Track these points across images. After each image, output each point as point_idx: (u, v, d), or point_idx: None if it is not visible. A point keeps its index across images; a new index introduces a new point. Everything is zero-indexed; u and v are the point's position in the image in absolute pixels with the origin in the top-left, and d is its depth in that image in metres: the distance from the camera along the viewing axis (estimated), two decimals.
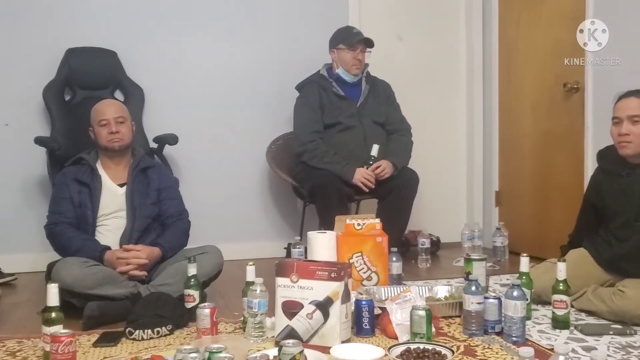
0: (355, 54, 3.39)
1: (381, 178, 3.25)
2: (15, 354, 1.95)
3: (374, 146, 3.29)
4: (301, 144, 3.35)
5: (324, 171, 3.22)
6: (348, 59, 3.40)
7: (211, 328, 1.99)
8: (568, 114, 3.42)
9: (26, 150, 3.27)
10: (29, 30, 3.45)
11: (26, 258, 3.30)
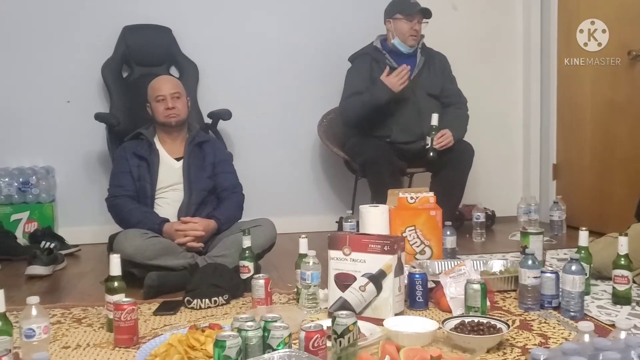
0: (412, 25, 3.32)
1: (446, 147, 3.19)
2: (80, 321, 2.04)
3: (433, 115, 3.21)
4: (340, 112, 3.37)
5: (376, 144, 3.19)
6: (405, 29, 3.33)
7: (266, 298, 2.04)
8: (631, 83, 3.27)
9: (87, 126, 3.38)
10: (87, 8, 3.53)
11: (89, 230, 3.43)
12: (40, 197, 3.42)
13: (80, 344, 1.81)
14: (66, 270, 2.91)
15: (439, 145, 3.17)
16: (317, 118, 3.61)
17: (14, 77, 3.45)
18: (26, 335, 1.55)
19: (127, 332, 1.76)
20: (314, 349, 1.47)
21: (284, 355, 1.38)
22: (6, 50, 3.44)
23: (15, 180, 3.39)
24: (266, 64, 3.75)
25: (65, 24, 3.50)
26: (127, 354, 1.71)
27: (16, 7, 3.45)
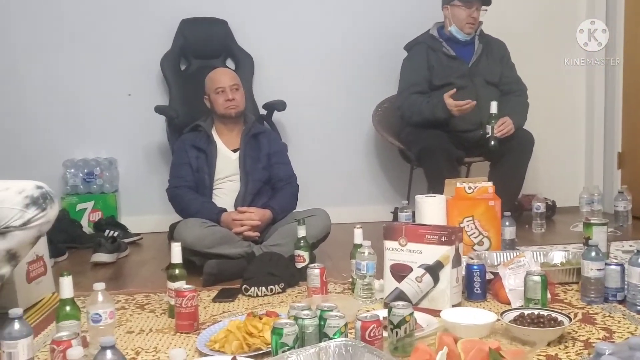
0: (470, 12, 3.25)
1: (506, 135, 3.12)
2: (143, 307, 2.11)
3: (492, 103, 3.13)
4: (398, 107, 3.31)
5: (432, 133, 3.15)
6: (462, 16, 3.27)
7: (321, 287, 2.05)
8: None
9: (147, 118, 3.47)
10: (146, 3, 3.62)
11: (150, 219, 3.53)
12: (104, 188, 3.55)
13: (143, 329, 1.87)
14: (129, 258, 3.01)
15: (499, 133, 3.09)
16: (372, 107, 3.60)
17: (78, 72, 3.58)
18: (93, 319, 1.61)
19: (187, 318, 1.80)
20: (370, 338, 1.47)
21: (341, 344, 1.39)
22: (70, 46, 3.57)
23: (80, 172, 3.53)
24: (320, 54, 3.75)
25: (125, 18, 3.60)
26: (188, 340, 1.76)
27: (79, 4, 3.57)
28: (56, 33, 3.55)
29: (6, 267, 1.75)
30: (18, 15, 3.51)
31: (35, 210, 1.74)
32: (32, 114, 3.55)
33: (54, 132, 3.57)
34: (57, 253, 2.83)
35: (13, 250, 1.74)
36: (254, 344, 1.60)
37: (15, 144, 3.50)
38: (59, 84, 3.57)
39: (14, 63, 3.53)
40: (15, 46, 3.52)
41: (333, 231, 2.67)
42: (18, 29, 3.52)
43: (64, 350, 1.34)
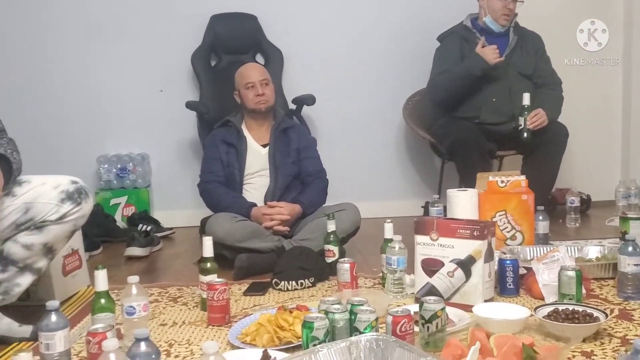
0: (506, 3, 3.20)
1: (539, 127, 3.06)
2: (176, 300, 2.14)
3: (524, 95, 3.08)
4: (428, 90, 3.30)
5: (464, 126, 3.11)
6: (498, 7, 3.21)
7: (351, 282, 2.04)
8: None
9: (179, 114, 3.50)
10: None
11: (182, 214, 3.57)
12: (136, 183, 3.61)
13: (176, 322, 1.89)
14: (162, 251, 3.06)
15: (532, 125, 3.04)
16: (402, 101, 3.57)
17: (111, 69, 3.63)
18: (127, 312, 1.64)
19: (219, 311, 1.82)
20: (401, 333, 1.46)
21: (371, 338, 1.39)
22: (103, 44, 3.62)
23: (114, 167, 3.58)
24: (350, 47, 3.74)
25: (156, 15, 3.64)
26: (220, 332, 1.77)
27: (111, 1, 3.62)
28: (89, 31, 3.61)
29: (43, 261, 1.80)
30: (51, 13, 3.58)
31: (71, 204, 1.78)
32: (66, 111, 3.62)
33: (88, 129, 3.63)
34: (91, 247, 2.89)
35: (49, 244, 1.78)
36: (284, 337, 1.61)
37: (51, 140, 3.57)
38: (91, 81, 3.63)
39: (49, 61, 3.59)
40: (50, 45, 3.59)
41: (363, 226, 2.66)
42: (52, 27, 3.58)
43: (99, 342, 1.37)
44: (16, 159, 1.77)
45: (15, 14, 3.55)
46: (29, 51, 3.57)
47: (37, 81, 3.59)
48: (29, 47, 3.57)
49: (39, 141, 3.44)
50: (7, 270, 1.74)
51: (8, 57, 3.52)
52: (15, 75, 3.49)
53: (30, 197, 1.75)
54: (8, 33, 3.54)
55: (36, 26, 3.58)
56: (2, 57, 3.47)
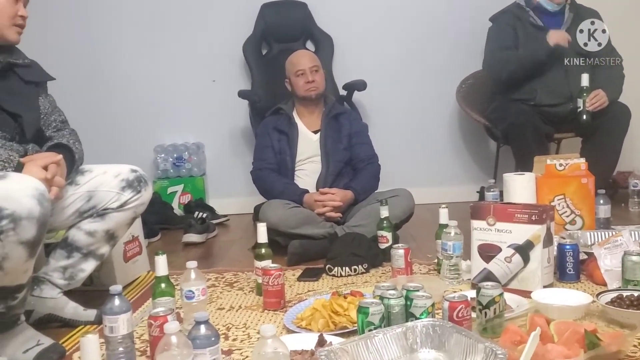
0: None
1: (599, 109, 2.95)
2: (232, 285, 2.18)
3: (583, 75, 2.98)
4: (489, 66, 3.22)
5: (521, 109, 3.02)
6: None
7: (406, 268, 2.03)
8: None
9: (231, 103, 3.55)
10: None
11: (235, 201, 3.63)
12: (192, 171, 3.68)
13: (233, 306, 1.93)
14: (217, 238, 3.12)
15: (592, 106, 2.93)
16: (455, 84, 3.50)
17: (165, 60, 3.71)
18: (186, 296, 1.68)
19: (274, 295, 1.84)
20: (458, 319, 1.44)
21: (428, 324, 1.38)
22: (158, 36, 3.70)
23: (170, 156, 3.67)
24: (400, 31, 3.69)
25: (207, 5, 3.68)
26: (275, 317, 1.80)
27: None
28: (145, 24, 3.69)
29: (105, 247, 1.86)
30: (108, 8, 3.68)
31: (131, 192, 1.83)
32: (125, 103, 3.72)
33: (145, 119, 3.73)
34: (150, 234, 2.97)
35: (111, 231, 1.84)
36: (340, 322, 1.61)
37: (110, 130, 3.68)
38: (148, 73, 3.71)
39: (109, 55, 3.70)
40: (109, 38, 3.69)
41: (416, 211, 2.64)
42: (110, 21, 3.68)
43: (161, 325, 1.41)
44: (78, 149, 1.84)
45: (75, 8, 3.66)
46: (89, 45, 3.68)
47: (97, 74, 3.70)
48: (89, 41, 3.68)
49: (99, 132, 3.54)
50: (72, 257, 1.81)
51: (69, 52, 3.63)
52: (76, 69, 3.60)
53: (92, 185, 1.81)
54: (68, 27, 3.66)
55: (95, 20, 3.68)
56: (63, 51, 3.59)
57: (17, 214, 1.39)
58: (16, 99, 1.75)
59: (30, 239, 1.43)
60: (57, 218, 1.74)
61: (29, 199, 1.41)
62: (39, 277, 1.79)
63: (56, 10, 3.55)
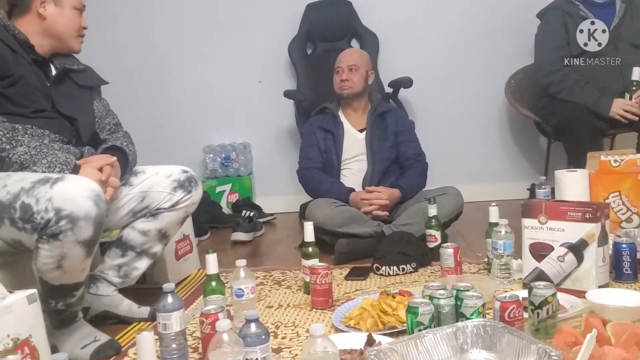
0: None
1: None
2: (280, 283, 2.20)
3: (634, 69, 2.88)
4: (545, 75, 3.08)
5: (572, 104, 2.94)
6: None
7: (455, 267, 2.00)
8: None
9: (277, 103, 3.58)
10: None
11: (282, 200, 3.66)
12: (239, 171, 3.73)
13: (281, 304, 1.95)
14: (264, 236, 3.15)
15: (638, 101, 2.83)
16: (503, 80, 3.43)
17: (213, 62, 3.77)
18: (236, 294, 1.71)
19: (322, 294, 1.85)
20: (510, 319, 1.42)
21: (479, 324, 1.36)
22: (205, 38, 3.76)
23: (218, 156, 3.73)
24: (446, 26, 3.64)
25: (253, 7, 3.72)
26: (324, 315, 1.81)
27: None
28: (193, 26, 3.76)
29: (158, 246, 1.91)
30: (158, 11, 3.76)
31: (182, 192, 1.88)
32: (175, 104, 3.80)
33: (194, 121, 3.80)
34: (200, 232, 3.02)
35: (164, 230, 1.89)
36: (388, 322, 1.61)
37: (161, 132, 3.77)
38: (196, 75, 3.78)
39: (157, 58, 3.78)
40: (158, 41, 3.77)
41: (465, 210, 2.60)
42: (160, 23, 3.77)
43: (212, 322, 1.43)
44: (131, 151, 1.89)
45: (127, 14, 3.77)
46: (139, 50, 3.78)
47: (148, 77, 3.79)
48: (139, 46, 3.78)
49: (150, 133, 3.63)
50: (126, 255, 1.86)
51: (121, 56, 3.73)
52: (128, 73, 3.70)
53: (145, 186, 1.86)
54: (120, 33, 3.76)
55: (146, 25, 3.77)
56: (116, 56, 3.69)
57: (75, 215, 1.44)
58: (72, 103, 1.82)
59: (88, 238, 1.48)
60: (112, 218, 1.79)
61: (86, 200, 1.46)
62: (95, 275, 1.85)
63: (108, 17, 3.66)
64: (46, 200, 1.45)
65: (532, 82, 3.29)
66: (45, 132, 1.69)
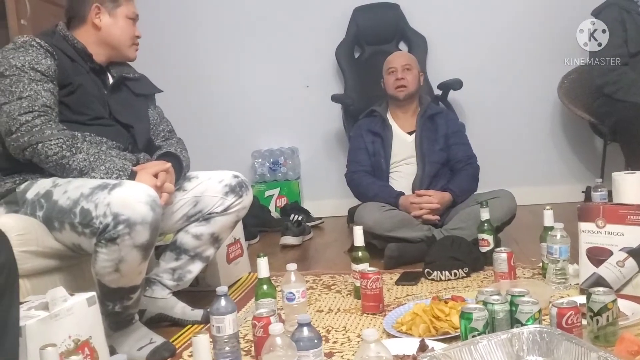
0: None
1: None
2: (330, 287, 2.20)
3: None
4: (601, 74, 2.99)
5: (630, 103, 2.84)
6: None
7: (509, 272, 1.96)
8: None
9: (324, 107, 3.59)
10: None
11: (329, 204, 3.67)
12: (287, 175, 3.76)
13: (331, 309, 1.95)
14: (313, 240, 3.16)
15: None
16: (557, 79, 3.34)
17: (260, 67, 3.81)
18: (287, 298, 1.72)
19: (373, 299, 1.84)
20: (567, 326, 1.38)
21: (535, 330, 1.33)
22: (253, 43, 3.80)
23: (267, 161, 3.77)
24: (496, 26, 3.58)
25: (301, 12, 3.74)
26: (375, 320, 1.80)
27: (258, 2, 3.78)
28: (241, 32, 3.81)
29: (211, 249, 1.94)
30: (206, 17, 3.83)
31: (234, 197, 1.91)
32: (224, 111, 3.86)
33: (243, 126, 3.85)
34: (250, 236, 3.05)
35: (216, 234, 1.92)
36: (441, 328, 1.59)
37: (211, 137, 3.82)
38: (244, 81, 3.83)
39: (208, 64, 3.85)
40: (208, 48, 3.84)
41: (518, 213, 2.54)
42: (209, 31, 3.83)
43: (264, 326, 1.45)
44: (185, 157, 1.93)
45: (177, 23, 3.85)
46: (191, 58, 3.85)
47: (199, 85, 3.85)
48: (190, 55, 3.85)
49: (201, 139, 3.67)
50: (180, 259, 1.90)
51: (174, 65, 3.80)
52: (180, 81, 3.75)
53: (198, 191, 1.90)
54: (172, 42, 3.83)
55: (196, 34, 3.84)
56: (169, 65, 3.76)
57: (132, 220, 1.48)
58: (128, 111, 1.87)
59: (144, 242, 1.52)
60: (166, 222, 1.83)
61: (142, 205, 1.50)
62: (151, 278, 1.90)
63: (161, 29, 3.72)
64: (105, 206, 1.50)
65: (586, 81, 3.19)
66: (103, 139, 1.75)
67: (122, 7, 1.87)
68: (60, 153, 1.61)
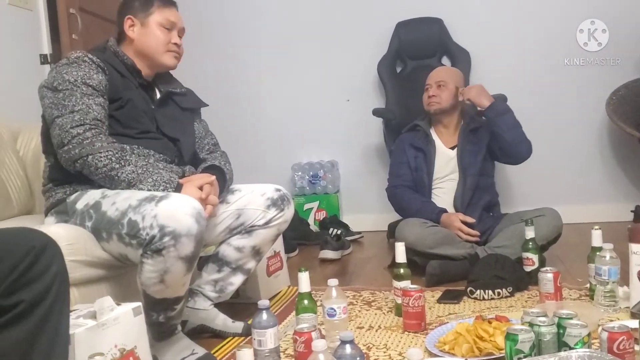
0: None
1: None
2: (370, 304, 2.17)
3: None
4: None
5: None
6: None
7: (555, 293, 1.91)
8: None
9: (365, 121, 3.59)
10: (361, 9, 3.74)
11: (369, 218, 3.65)
12: (327, 189, 3.76)
13: (372, 326, 1.93)
14: (352, 255, 3.14)
15: None
16: (604, 96, 3.27)
17: (302, 80, 3.84)
18: (328, 314, 1.71)
19: (415, 317, 1.82)
20: (619, 351, 1.33)
21: (584, 355, 1.28)
22: (294, 59, 3.84)
23: (306, 174, 3.78)
24: (542, 42, 3.53)
25: (343, 25, 3.76)
26: (417, 339, 1.77)
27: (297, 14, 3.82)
28: (282, 48, 3.85)
29: (252, 262, 1.95)
30: (249, 32, 3.88)
31: (275, 210, 1.91)
32: (266, 124, 3.90)
33: (284, 139, 3.88)
34: (289, 249, 3.06)
35: (257, 247, 1.93)
36: (485, 348, 1.55)
37: (253, 150, 3.86)
38: (285, 94, 3.87)
39: (250, 80, 3.89)
40: (249, 65, 3.89)
41: (564, 232, 2.48)
42: (251, 45, 3.88)
43: (306, 341, 1.45)
44: (229, 170, 1.96)
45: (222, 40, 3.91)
46: (235, 73, 3.90)
47: (242, 100, 3.90)
48: (234, 69, 3.90)
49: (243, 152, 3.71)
50: (222, 271, 1.92)
51: (218, 80, 3.87)
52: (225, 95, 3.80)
53: (241, 204, 1.91)
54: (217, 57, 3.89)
55: (239, 51, 3.89)
56: (213, 80, 3.83)
57: (178, 232, 1.50)
58: (175, 125, 1.91)
59: (189, 254, 1.54)
60: (209, 234, 1.85)
61: (188, 217, 1.52)
62: (193, 289, 1.92)
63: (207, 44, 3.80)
64: (151, 218, 1.52)
65: (637, 97, 3.11)
66: (151, 152, 1.78)
67: (154, 14, 1.87)
68: (109, 165, 1.65)
